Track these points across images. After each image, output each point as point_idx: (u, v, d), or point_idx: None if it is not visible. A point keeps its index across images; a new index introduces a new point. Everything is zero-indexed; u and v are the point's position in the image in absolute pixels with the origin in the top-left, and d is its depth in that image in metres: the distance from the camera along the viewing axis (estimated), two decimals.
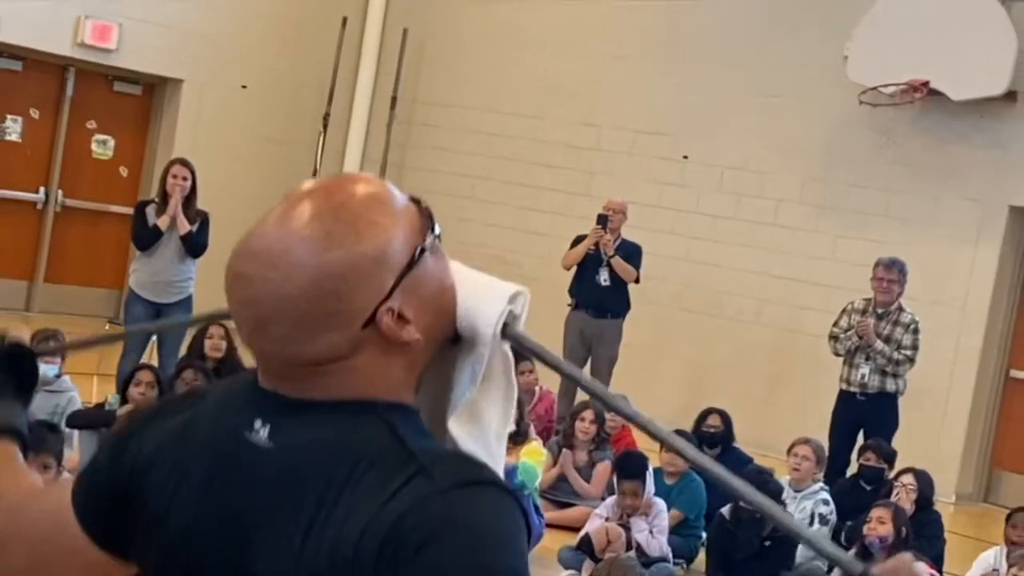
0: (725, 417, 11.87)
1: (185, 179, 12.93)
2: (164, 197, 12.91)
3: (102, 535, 2.23)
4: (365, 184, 2.15)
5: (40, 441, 7.47)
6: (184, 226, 12.72)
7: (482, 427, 2.22)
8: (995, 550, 10.04)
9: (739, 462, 11.32)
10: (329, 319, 2.02)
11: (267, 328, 2.04)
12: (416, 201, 2.15)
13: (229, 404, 2.17)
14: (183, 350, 12.20)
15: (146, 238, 12.79)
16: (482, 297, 2.16)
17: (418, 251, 2.08)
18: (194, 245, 12.84)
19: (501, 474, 2.11)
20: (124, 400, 10.04)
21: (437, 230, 2.14)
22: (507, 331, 2.17)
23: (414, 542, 1.88)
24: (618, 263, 14.00)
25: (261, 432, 2.05)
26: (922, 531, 10.14)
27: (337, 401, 2.05)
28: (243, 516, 2.04)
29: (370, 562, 1.90)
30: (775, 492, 10.18)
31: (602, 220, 14.24)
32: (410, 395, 2.12)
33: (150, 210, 12.87)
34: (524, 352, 2.28)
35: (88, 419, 9.65)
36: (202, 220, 12.91)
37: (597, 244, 14.11)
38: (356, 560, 1.91)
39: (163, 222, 12.69)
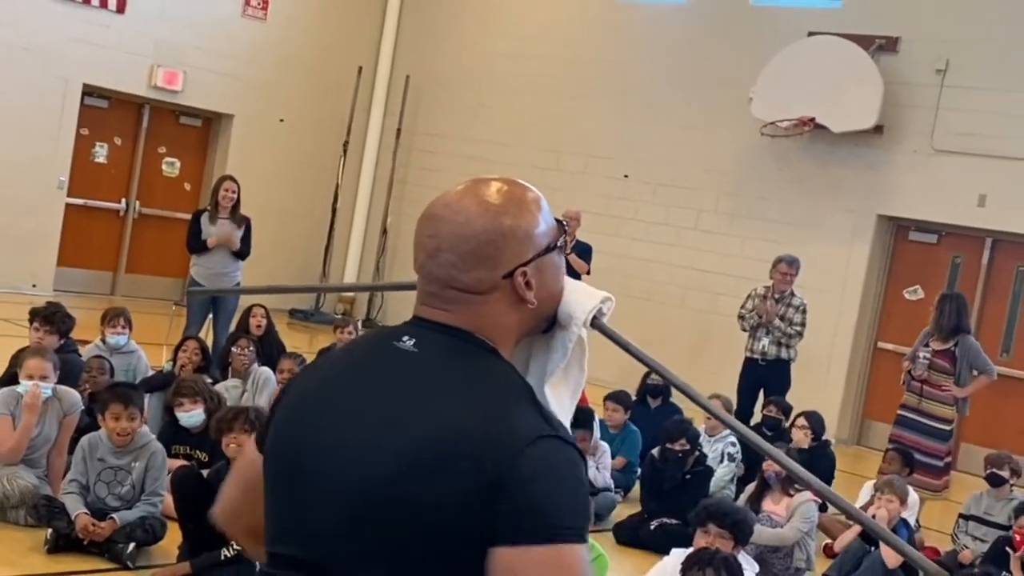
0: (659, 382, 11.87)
1: (233, 192, 12.93)
2: (216, 206, 12.86)
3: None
4: (532, 190, 2.34)
5: (128, 397, 7.44)
6: (235, 244, 12.74)
7: (562, 393, 2.36)
8: (872, 483, 10.01)
9: (672, 411, 11.34)
10: (484, 260, 2.20)
11: (440, 254, 2.22)
12: (559, 220, 2.36)
13: (379, 334, 2.33)
14: (232, 326, 12.17)
15: (195, 246, 12.80)
16: (582, 293, 2.36)
17: (552, 244, 2.30)
18: (242, 252, 12.87)
19: (568, 425, 2.24)
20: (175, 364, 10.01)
21: (562, 241, 2.34)
22: (595, 322, 2.35)
23: (529, 468, 2.01)
24: (573, 259, 13.93)
25: (408, 343, 2.20)
26: (818, 463, 10.10)
27: (466, 330, 2.20)
28: (386, 398, 2.14)
29: (496, 472, 2.02)
30: (694, 436, 10.14)
31: (560, 225, 14.16)
32: (509, 349, 2.26)
33: (204, 218, 12.82)
34: (607, 337, 2.40)
35: (153, 384, 9.58)
36: (246, 226, 12.89)
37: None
38: (487, 466, 2.03)
39: (212, 242, 12.68)
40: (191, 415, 8.33)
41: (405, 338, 2.20)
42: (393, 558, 2.05)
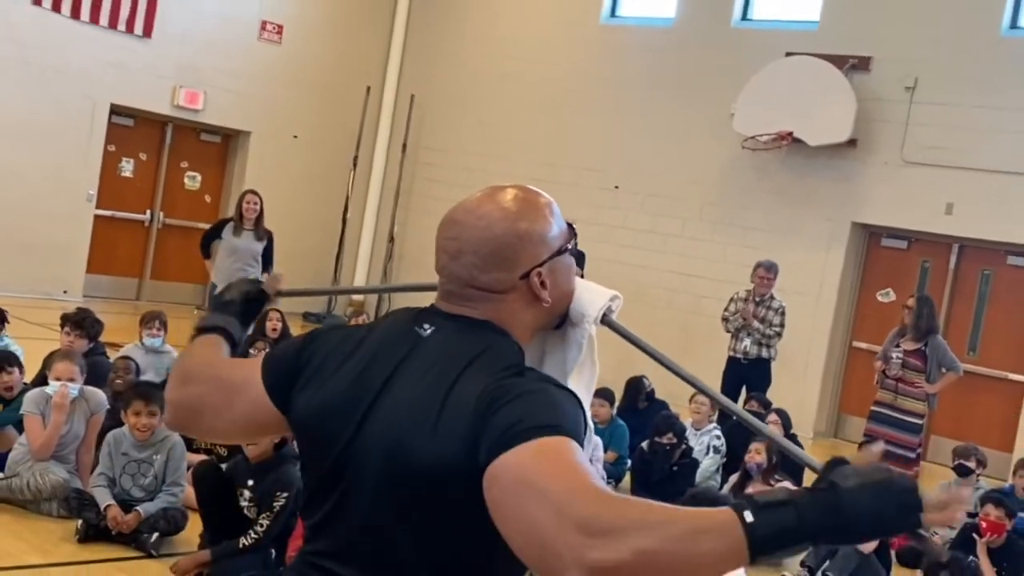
0: (644, 380, 11.86)
1: (256, 204, 13.06)
2: (240, 217, 13.02)
3: (275, 391, 2.37)
4: (545, 196, 2.35)
5: (148, 394, 7.43)
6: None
7: (579, 386, 2.37)
8: None
9: (659, 408, 11.32)
10: (503, 262, 2.23)
11: (462, 256, 2.24)
12: (569, 224, 2.40)
13: (401, 318, 2.32)
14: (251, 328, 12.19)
15: (205, 251, 13.25)
16: (592, 292, 2.41)
17: (564, 246, 2.33)
18: (265, 263, 13.08)
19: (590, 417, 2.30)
20: None
21: (573, 244, 2.37)
22: (606, 318, 2.42)
23: (508, 396, 2.02)
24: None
25: (428, 329, 2.23)
26: (788, 460, 10.11)
27: (484, 320, 2.23)
28: (402, 376, 2.17)
29: (481, 409, 2.02)
30: (680, 430, 10.16)
31: (571, 228, 14.18)
32: (526, 341, 2.28)
33: (228, 227, 12.96)
34: (617, 333, 2.48)
35: None
36: (268, 238, 13.04)
37: None
38: (474, 407, 2.03)
39: (208, 266, 13.28)
40: None
41: (425, 325, 2.24)
42: (400, 511, 2.07)
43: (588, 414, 2.25)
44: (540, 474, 1.88)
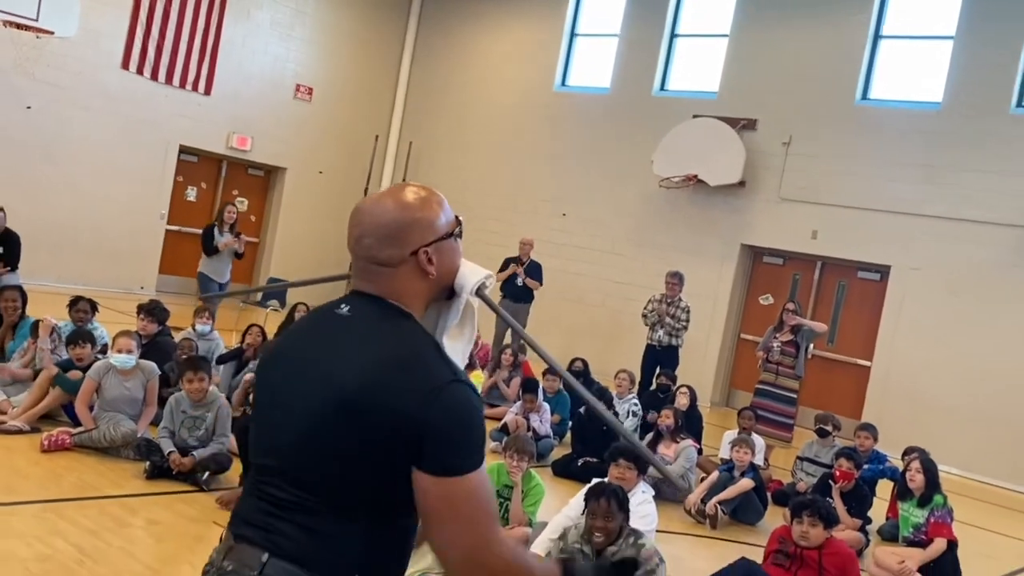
0: (584, 361, 11.78)
1: (234, 213, 13.14)
2: (221, 223, 12.99)
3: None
4: (437, 194, 2.24)
5: (198, 365, 7.40)
6: (242, 249, 13.05)
7: (457, 343, 2.28)
8: (732, 432, 10.01)
9: (591, 383, 11.25)
10: (395, 241, 2.12)
11: (363, 238, 2.15)
12: (456, 216, 2.26)
13: (324, 306, 2.22)
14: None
15: (209, 250, 12.91)
16: (471, 270, 2.26)
17: (449, 232, 2.20)
18: (238, 257, 13.19)
19: (462, 367, 2.18)
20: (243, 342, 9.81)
21: (458, 231, 2.24)
22: (479, 292, 2.25)
23: (434, 419, 1.94)
24: (529, 281, 13.97)
25: (345, 309, 2.14)
26: (691, 424, 10.08)
27: (382, 297, 2.13)
28: (328, 348, 2.08)
29: (387, 380, 1.97)
30: (608, 398, 10.11)
31: (515, 259, 14.20)
32: (420, 310, 2.18)
33: (216, 231, 12.92)
34: (486, 304, 2.31)
35: (226, 357, 9.47)
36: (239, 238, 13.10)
37: (515, 272, 14.08)
38: (381, 370, 1.98)
39: (222, 245, 12.84)
40: None
41: (343, 306, 2.16)
42: (338, 466, 1.99)
43: (463, 366, 2.20)
44: (461, 518, 1.95)
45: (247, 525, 2.09)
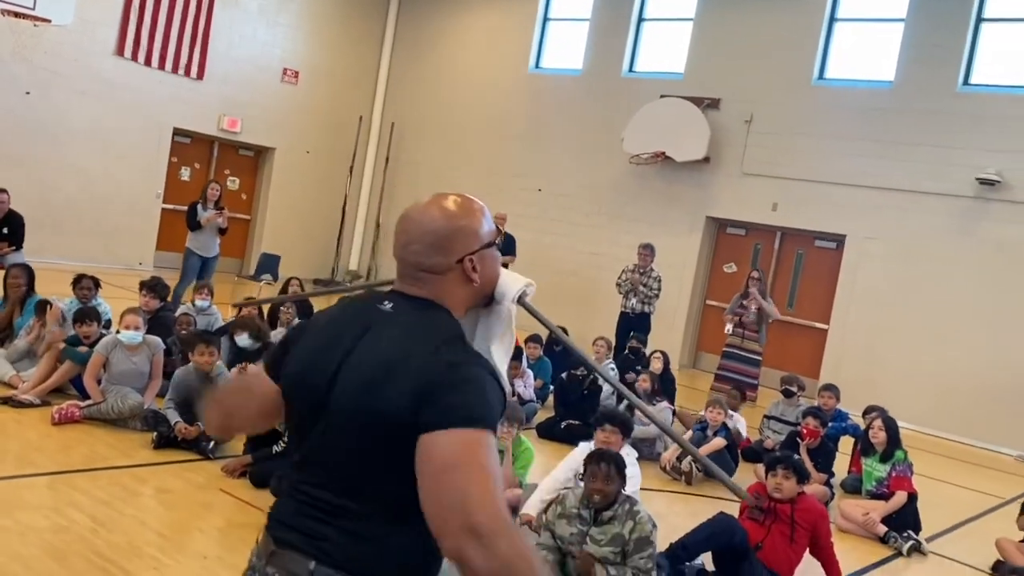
0: (565, 330, 11.65)
1: (217, 190, 12.51)
2: (205, 200, 12.34)
3: (273, 371, 2.17)
4: (478, 202, 2.14)
5: (209, 339, 7.32)
6: (224, 223, 12.35)
7: (502, 349, 2.18)
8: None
9: (569, 350, 11.17)
10: (441, 249, 2.05)
11: (410, 245, 2.07)
12: (497, 226, 2.17)
13: (368, 297, 2.12)
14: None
15: (193, 225, 12.27)
16: (511, 278, 2.19)
17: (492, 241, 2.13)
18: (222, 233, 12.44)
19: (504, 373, 2.10)
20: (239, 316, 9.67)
21: (499, 240, 2.15)
22: (521, 300, 2.20)
23: (452, 379, 1.85)
24: (504, 257, 13.83)
25: (388, 306, 2.04)
26: (665, 386, 10.04)
27: (429, 299, 2.05)
28: (372, 343, 1.97)
29: (429, 377, 1.85)
30: (588, 364, 9.99)
31: (498, 229, 14.02)
32: (460, 315, 2.09)
33: (199, 207, 12.34)
34: (528, 312, 2.26)
35: (222, 331, 9.30)
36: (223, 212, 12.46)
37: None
38: (422, 370, 1.87)
39: (205, 220, 12.21)
40: (240, 339, 8.21)
41: (386, 302, 2.06)
42: (384, 468, 1.87)
43: (505, 378, 2.07)
44: (463, 467, 1.76)
45: (290, 530, 1.96)
